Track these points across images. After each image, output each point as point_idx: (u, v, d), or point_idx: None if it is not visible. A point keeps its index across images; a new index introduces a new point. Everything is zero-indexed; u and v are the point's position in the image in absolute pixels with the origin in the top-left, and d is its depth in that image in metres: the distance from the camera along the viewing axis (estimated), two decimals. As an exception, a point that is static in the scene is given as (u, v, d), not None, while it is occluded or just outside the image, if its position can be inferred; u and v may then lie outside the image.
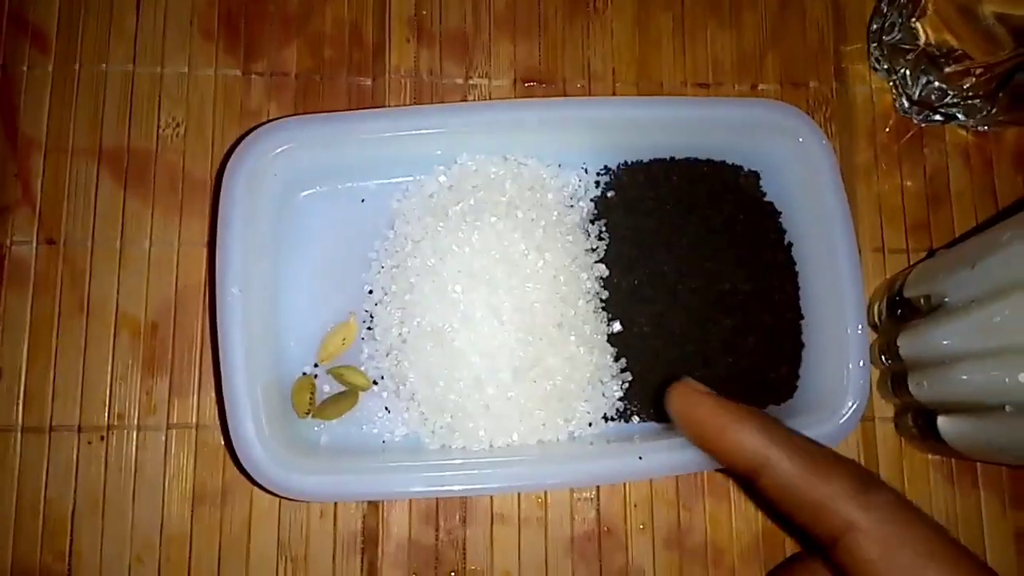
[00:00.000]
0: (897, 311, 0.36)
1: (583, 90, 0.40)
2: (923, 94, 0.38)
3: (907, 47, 0.38)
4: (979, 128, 0.40)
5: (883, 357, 0.37)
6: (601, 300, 0.36)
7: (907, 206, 0.40)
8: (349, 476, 0.31)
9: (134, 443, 0.35)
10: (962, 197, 0.40)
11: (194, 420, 0.35)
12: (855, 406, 0.33)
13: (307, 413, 0.34)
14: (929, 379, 0.34)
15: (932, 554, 0.22)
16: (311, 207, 0.36)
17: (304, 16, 0.39)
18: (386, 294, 0.35)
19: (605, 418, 0.35)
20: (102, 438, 0.35)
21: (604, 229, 0.36)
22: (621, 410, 0.35)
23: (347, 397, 0.34)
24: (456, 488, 0.31)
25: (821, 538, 0.24)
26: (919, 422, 0.36)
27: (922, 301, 0.34)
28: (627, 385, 0.35)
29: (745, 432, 0.25)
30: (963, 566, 0.23)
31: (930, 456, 0.38)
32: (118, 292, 0.36)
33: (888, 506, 0.23)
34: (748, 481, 0.26)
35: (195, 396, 0.35)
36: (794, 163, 0.36)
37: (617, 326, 0.35)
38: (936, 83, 0.37)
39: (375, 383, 0.35)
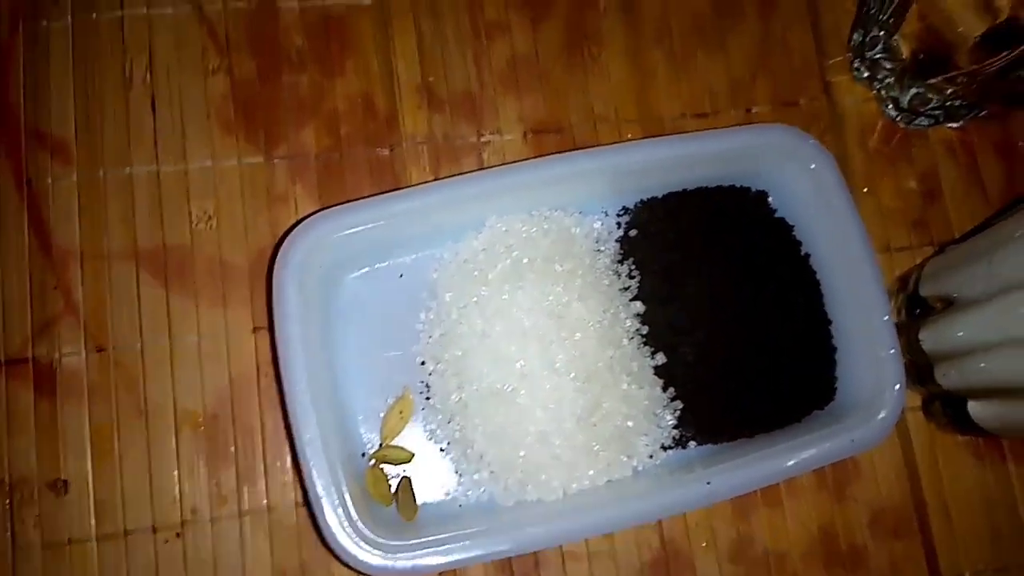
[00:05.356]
0: (915, 309, 0.39)
1: (590, 133, 0.42)
2: (910, 102, 0.41)
3: (890, 61, 0.40)
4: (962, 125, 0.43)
5: (904, 353, 0.39)
6: (642, 335, 0.37)
7: (905, 205, 0.43)
8: (438, 548, 0.31)
9: (210, 536, 0.35)
10: (954, 190, 0.43)
11: (265, 503, 0.36)
12: (898, 389, 0.35)
13: (391, 503, 0.35)
14: (955, 369, 0.36)
15: None
16: (354, 290, 0.37)
17: (317, 97, 0.40)
18: (439, 363, 0.36)
19: (663, 447, 0.36)
20: (178, 535, 0.35)
21: (633, 267, 0.38)
22: (677, 438, 0.37)
23: (404, 487, 0.35)
24: (542, 543, 0.32)
25: None
26: (948, 409, 0.39)
27: (938, 301, 0.37)
28: (679, 412, 0.37)
29: None
30: None
31: (959, 437, 0.40)
32: (174, 389, 0.36)
33: None
34: None
35: (264, 480, 0.36)
36: (800, 179, 0.38)
37: (661, 357, 0.37)
38: (921, 91, 0.40)
39: (442, 449, 0.36)
